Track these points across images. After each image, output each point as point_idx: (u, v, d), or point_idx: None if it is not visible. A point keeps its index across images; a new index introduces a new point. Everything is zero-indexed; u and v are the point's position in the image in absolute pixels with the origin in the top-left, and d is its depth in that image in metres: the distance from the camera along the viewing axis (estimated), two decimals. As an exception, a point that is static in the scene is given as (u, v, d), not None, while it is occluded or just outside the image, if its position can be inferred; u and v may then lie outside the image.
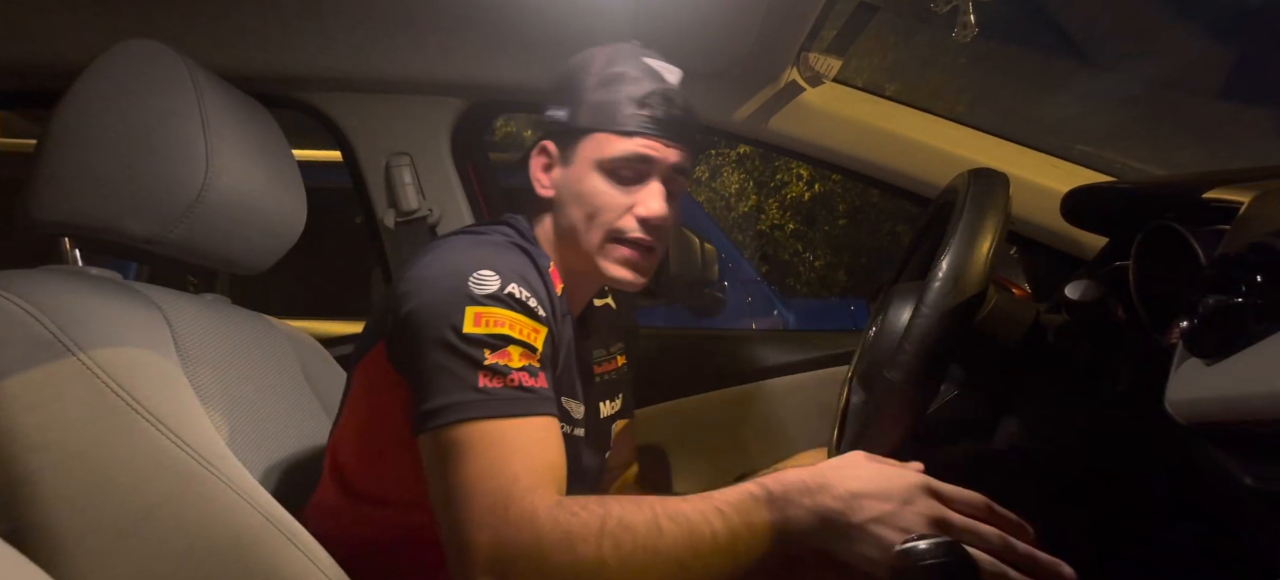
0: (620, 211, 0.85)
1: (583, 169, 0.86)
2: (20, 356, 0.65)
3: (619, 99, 0.84)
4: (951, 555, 0.64)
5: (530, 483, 0.66)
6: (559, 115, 0.88)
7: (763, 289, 3.62)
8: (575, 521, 0.64)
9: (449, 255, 0.77)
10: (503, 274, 0.75)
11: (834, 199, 8.80)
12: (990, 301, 0.83)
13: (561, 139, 0.88)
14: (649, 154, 0.85)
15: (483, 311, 0.72)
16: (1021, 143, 1.35)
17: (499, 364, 0.71)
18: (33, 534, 0.64)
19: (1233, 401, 0.53)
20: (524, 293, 0.75)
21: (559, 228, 0.90)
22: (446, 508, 0.68)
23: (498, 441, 0.68)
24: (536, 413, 0.72)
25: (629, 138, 0.84)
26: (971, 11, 1.10)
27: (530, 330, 0.75)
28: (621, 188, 0.85)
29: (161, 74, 0.84)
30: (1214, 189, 0.76)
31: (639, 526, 0.63)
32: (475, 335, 0.71)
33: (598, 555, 0.62)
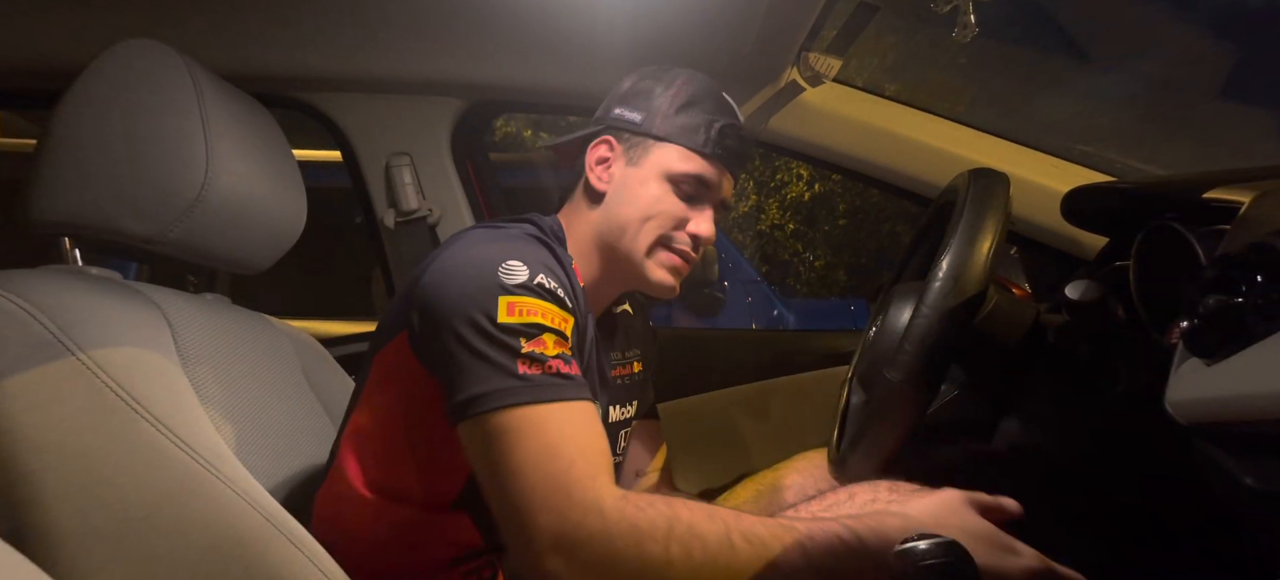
0: (676, 222, 0.89)
1: (650, 173, 0.89)
2: (20, 356, 0.65)
3: (700, 122, 0.89)
4: (951, 555, 0.64)
5: (587, 469, 0.67)
6: (632, 117, 0.90)
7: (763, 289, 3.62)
8: (643, 518, 0.64)
9: (475, 247, 0.78)
10: (531, 264, 0.76)
11: (834, 199, 8.80)
12: (990, 301, 0.83)
13: (629, 140, 0.91)
14: (712, 179, 0.90)
15: (515, 300, 0.72)
16: (1021, 143, 1.35)
17: (536, 351, 0.71)
18: (32, 534, 0.64)
19: (1233, 401, 0.53)
20: (552, 283, 0.76)
21: (604, 222, 0.91)
22: (502, 493, 0.68)
23: (545, 426, 0.68)
24: (577, 397, 0.72)
25: (702, 159, 0.89)
26: (971, 11, 1.10)
27: (561, 319, 0.75)
28: (680, 201, 0.89)
29: (161, 74, 0.84)
30: (1214, 189, 0.76)
31: (710, 538, 0.64)
32: (510, 324, 0.71)
33: (665, 556, 0.63)
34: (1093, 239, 1.19)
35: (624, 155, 0.91)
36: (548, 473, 0.66)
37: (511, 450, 0.68)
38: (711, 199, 0.92)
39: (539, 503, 0.65)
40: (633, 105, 0.91)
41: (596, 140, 0.92)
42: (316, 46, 1.29)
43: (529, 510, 0.66)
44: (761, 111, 1.38)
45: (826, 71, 1.32)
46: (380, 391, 0.84)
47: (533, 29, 1.26)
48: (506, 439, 0.68)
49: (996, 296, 0.84)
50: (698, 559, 0.63)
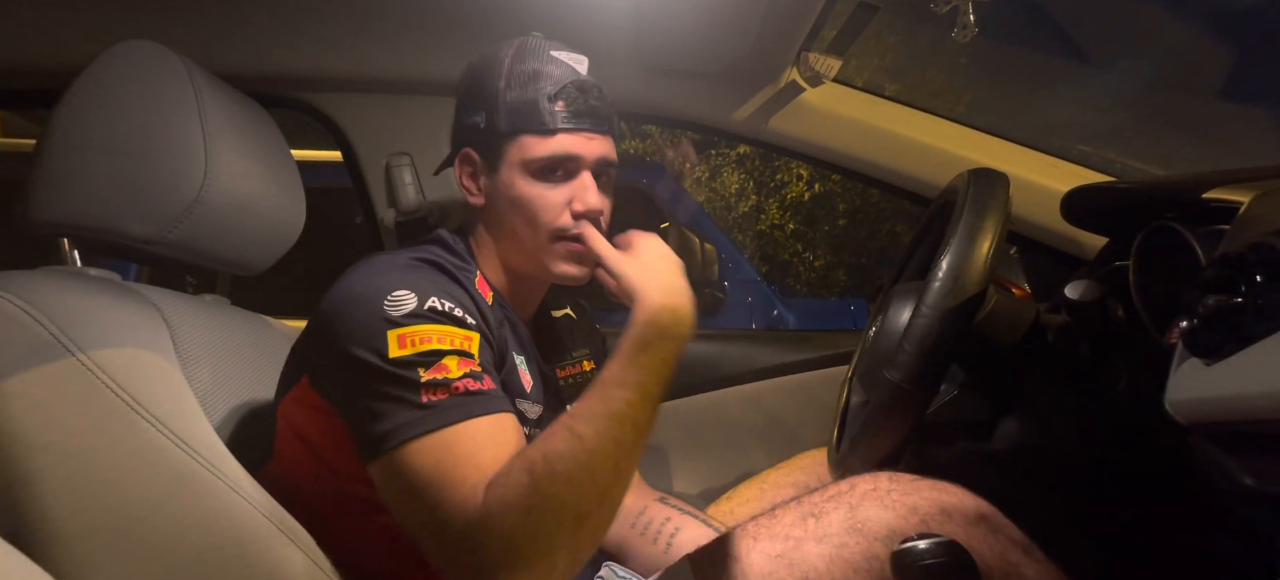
0: (558, 211, 0.84)
1: (511, 174, 0.84)
2: (20, 357, 0.65)
3: (535, 97, 0.83)
4: (951, 555, 0.65)
5: (479, 479, 0.66)
6: (475, 121, 0.86)
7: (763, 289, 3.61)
8: (510, 490, 0.65)
9: (360, 283, 0.75)
10: (418, 290, 0.73)
11: (834, 199, 8.80)
12: (990, 301, 0.83)
13: (483, 146, 0.86)
14: (574, 150, 0.84)
15: (404, 332, 0.70)
16: (1021, 143, 1.35)
17: (437, 378, 0.69)
18: (32, 534, 0.64)
19: (1233, 401, 0.53)
20: (446, 304, 0.74)
21: (497, 235, 0.89)
22: (417, 525, 0.68)
23: (452, 446, 0.68)
24: (489, 412, 0.71)
25: (552, 136, 0.83)
26: (971, 11, 1.10)
27: (461, 338, 0.73)
28: (554, 186, 0.84)
29: (160, 74, 0.84)
30: (1214, 189, 0.76)
31: (560, 450, 0.66)
32: (403, 357, 0.69)
33: (549, 500, 0.64)
34: (1093, 239, 1.19)
35: (482, 164, 0.87)
36: (461, 498, 0.66)
37: (417, 481, 0.67)
38: (585, 166, 0.85)
39: (455, 534, 0.66)
40: (472, 108, 0.87)
41: (458, 157, 0.89)
42: (316, 46, 1.29)
43: (444, 545, 0.67)
44: (761, 111, 1.38)
45: (826, 71, 1.32)
46: (296, 437, 0.83)
47: (533, 29, 1.26)
48: (412, 470, 0.67)
49: (996, 296, 0.84)
50: (565, 472, 0.65)
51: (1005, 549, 0.71)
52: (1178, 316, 0.59)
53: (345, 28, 1.27)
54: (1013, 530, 0.73)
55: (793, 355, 1.49)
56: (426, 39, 1.29)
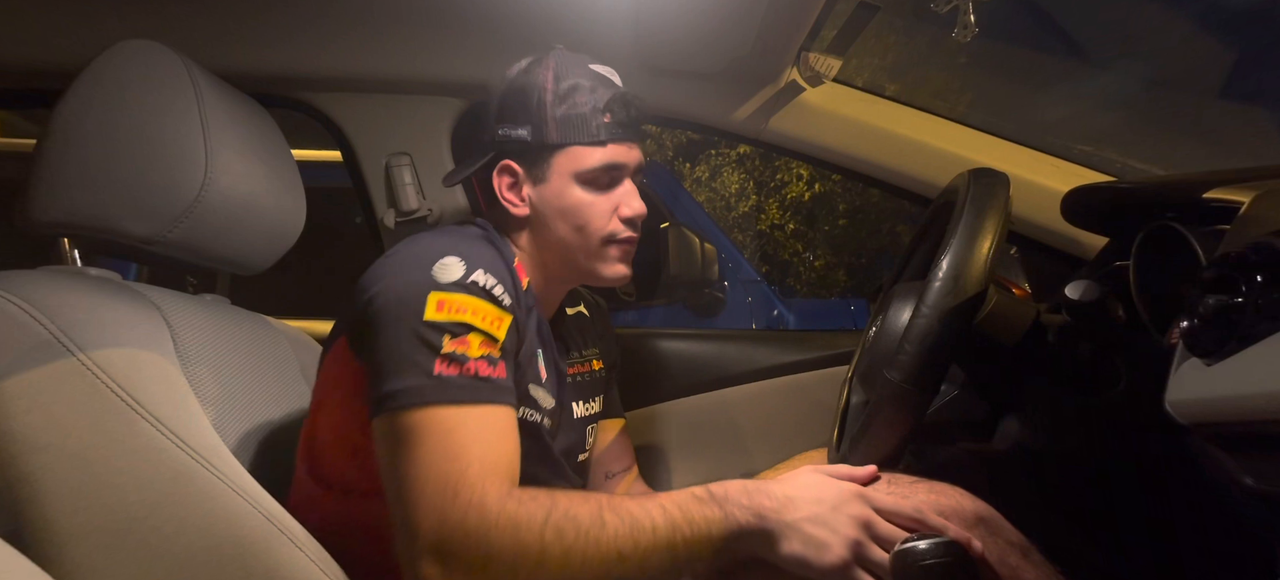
0: (608, 217, 0.89)
1: (562, 183, 0.88)
2: (20, 357, 0.65)
3: (585, 112, 0.87)
4: (951, 555, 0.64)
5: (481, 471, 0.67)
6: (520, 133, 0.88)
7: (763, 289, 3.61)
8: (522, 511, 0.65)
9: (413, 246, 0.78)
10: (468, 261, 0.75)
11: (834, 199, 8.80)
12: (990, 301, 0.83)
13: (526, 157, 0.89)
14: (621, 160, 0.89)
15: (446, 298, 0.72)
16: (1021, 143, 1.35)
17: (457, 352, 0.71)
18: (33, 534, 0.64)
19: (1233, 401, 0.53)
20: (489, 280, 0.76)
21: (540, 241, 0.91)
22: (396, 491, 0.69)
23: (452, 428, 0.68)
24: (492, 402, 0.72)
25: (602, 148, 0.87)
26: (971, 11, 1.10)
27: (494, 318, 0.75)
28: (601, 194, 0.89)
29: (161, 74, 0.84)
30: (1214, 189, 0.76)
31: (583, 518, 0.66)
32: (436, 322, 0.71)
33: (540, 543, 0.64)
34: (1093, 239, 1.19)
35: (527, 175, 0.89)
36: (439, 474, 0.66)
37: (411, 451, 0.68)
38: (629, 173, 0.91)
39: (425, 505, 0.66)
40: (514, 121, 0.88)
41: (496, 169, 0.90)
42: (316, 46, 1.29)
43: (415, 512, 0.66)
44: (761, 111, 1.38)
45: (826, 71, 1.32)
46: (331, 393, 0.84)
47: (533, 29, 1.26)
48: (408, 439, 0.68)
49: (996, 296, 0.84)
50: (569, 540, 0.65)
51: (1004, 551, 0.71)
52: (1178, 316, 0.59)
53: (345, 27, 1.27)
54: (1011, 532, 0.73)
55: (793, 355, 1.49)
56: (427, 39, 1.29)
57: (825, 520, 0.67)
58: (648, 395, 1.46)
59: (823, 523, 0.67)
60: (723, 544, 0.68)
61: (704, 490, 0.70)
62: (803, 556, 0.66)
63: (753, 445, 1.46)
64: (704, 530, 0.67)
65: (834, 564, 0.66)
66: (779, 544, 0.67)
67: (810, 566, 0.66)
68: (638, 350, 1.48)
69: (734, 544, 0.68)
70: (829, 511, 0.68)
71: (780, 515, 0.68)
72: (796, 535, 0.67)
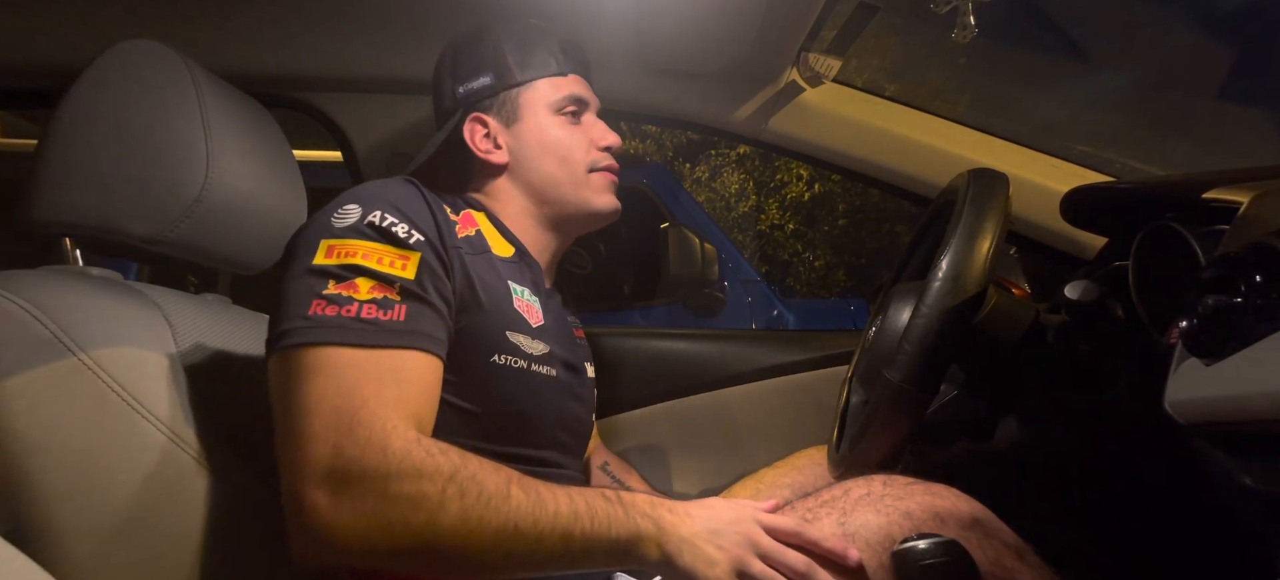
0: (587, 147, 0.93)
1: (536, 119, 0.91)
2: (21, 356, 0.65)
3: (545, 50, 0.91)
4: (950, 555, 0.65)
5: (380, 409, 0.65)
6: (482, 82, 0.91)
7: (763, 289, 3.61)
8: (429, 462, 0.63)
9: (332, 202, 0.77)
10: (365, 205, 0.74)
11: (834, 199, 8.81)
12: (990, 301, 0.83)
13: (494, 104, 0.91)
14: (584, 94, 0.94)
15: (335, 243, 0.71)
16: (1021, 143, 1.35)
17: (340, 295, 0.69)
18: (33, 533, 0.64)
19: (1233, 401, 0.53)
20: (388, 220, 0.74)
21: (525, 185, 0.92)
22: (283, 429, 0.66)
23: (339, 369, 0.66)
24: (386, 345, 0.69)
25: (566, 78, 0.92)
26: (971, 12, 1.10)
27: (393, 258, 0.72)
28: (575, 126, 0.92)
29: (162, 74, 0.84)
30: (1214, 189, 0.76)
31: (489, 485, 0.64)
32: (322, 266, 0.70)
33: (440, 496, 0.62)
34: (1092, 239, 1.19)
35: (500, 120, 0.92)
36: (334, 406, 0.64)
37: (298, 387, 0.65)
38: (591, 110, 0.95)
39: (317, 434, 0.63)
40: (472, 75, 0.92)
41: (467, 122, 0.92)
42: (316, 46, 1.29)
43: (305, 441, 0.63)
44: (761, 111, 1.38)
45: (826, 71, 1.33)
46: None
47: (533, 29, 1.26)
48: (295, 377, 0.66)
49: (996, 296, 0.84)
50: (470, 500, 0.63)
51: (1000, 553, 0.71)
52: (1178, 316, 0.59)
53: (346, 28, 1.27)
54: (1007, 534, 0.73)
55: (793, 355, 1.49)
56: (427, 39, 1.29)
57: (716, 536, 0.69)
58: (648, 395, 1.46)
59: (713, 539, 0.69)
60: (618, 545, 0.68)
61: (614, 493, 0.70)
62: (692, 567, 0.68)
63: (753, 445, 1.46)
64: (604, 527, 0.67)
65: (717, 578, 0.67)
66: (673, 556, 0.68)
67: (698, 578, 0.68)
68: (638, 350, 1.48)
69: (630, 548, 0.68)
70: (722, 526, 0.70)
71: (677, 529, 0.69)
72: (687, 548, 0.68)
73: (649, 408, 1.46)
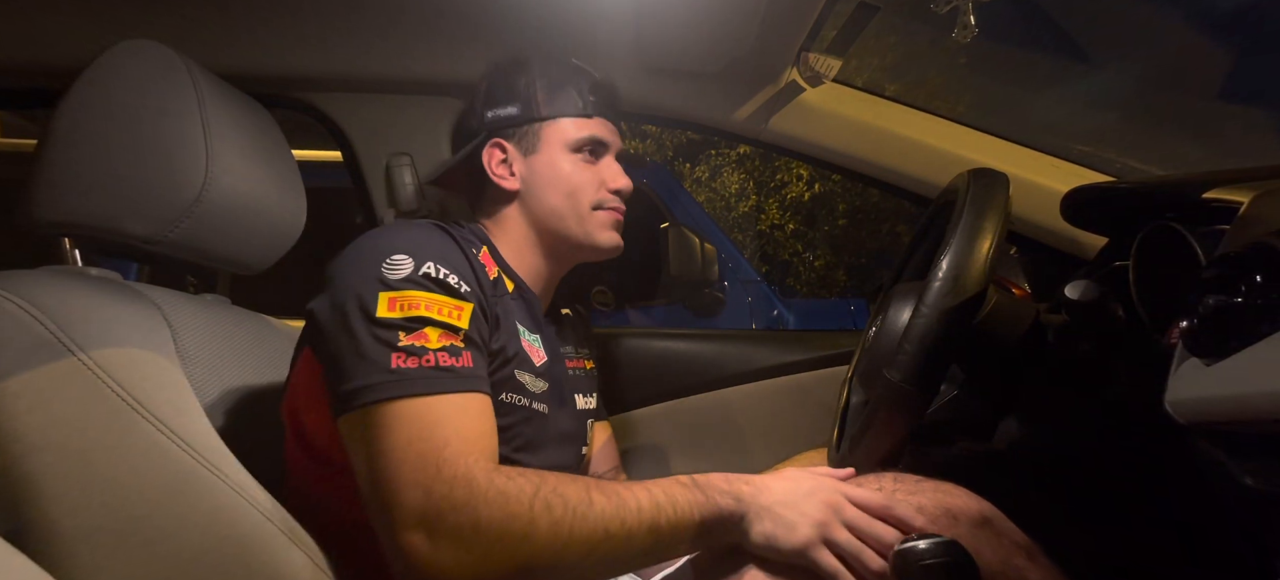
0: (597, 185, 0.95)
1: (553, 153, 0.93)
2: (21, 357, 0.65)
3: (572, 91, 0.95)
4: (951, 555, 0.64)
5: (461, 447, 0.67)
6: (509, 112, 0.94)
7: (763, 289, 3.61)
8: (511, 485, 0.66)
9: (366, 243, 0.78)
10: (417, 255, 0.75)
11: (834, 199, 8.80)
12: (990, 301, 0.83)
13: (516, 133, 0.94)
14: (605, 137, 0.96)
15: (397, 295, 0.72)
16: (1021, 143, 1.35)
17: (414, 345, 0.71)
18: (33, 534, 0.64)
19: (1233, 401, 0.53)
20: (442, 271, 0.76)
21: (531, 214, 0.94)
22: (373, 481, 0.68)
23: (419, 416, 0.68)
24: (458, 390, 0.71)
25: (589, 120, 0.95)
26: (971, 12, 1.10)
27: (451, 309, 0.75)
28: (589, 165, 0.95)
29: (161, 74, 0.84)
30: (1214, 189, 0.76)
31: (571, 495, 0.67)
32: (388, 318, 0.71)
33: (529, 515, 0.65)
34: (1092, 239, 1.19)
35: (519, 149, 0.94)
36: (419, 452, 0.66)
37: (383, 439, 0.67)
38: (611, 153, 0.97)
39: (408, 480, 0.65)
40: (501, 104, 0.95)
41: (487, 146, 0.95)
42: (316, 46, 1.29)
43: (397, 489, 0.66)
44: (761, 111, 1.38)
45: (826, 71, 1.33)
46: (301, 392, 0.84)
47: (534, 29, 1.26)
48: (377, 432, 0.68)
49: (996, 296, 0.84)
50: (557, 514, 0.65)
51: (1009, 553, 0.71)
52: (1178, 316, 0.59)
53: (346, 28, 1.27)
54: (1017, 533, 0.73)
55: (793, 355, 1.49)
56: (427, 39, 1.29)
57: (796, 504, 0.71)
58: (647, 395, 1.46)
59: (794, 506, 0.71)
60: (703, 527, 0.70)
61: (688, 478, 0.72)
62: (773, 534, 0.69)
63: (753, 445, 1.46)
64: (687, 513, 0.69)
65: (800, 543, 0.69)
66: (753, 525, 0.70)
67: (779, 546, 0.69)
68: (638, 350, 1.48)
69: (714, 527, 0.71)
70: (802, 497, 0.71)
71: (756, 499, 0.71)
72: (768, 516, 0.70)
73: (649, 408, 1.46)
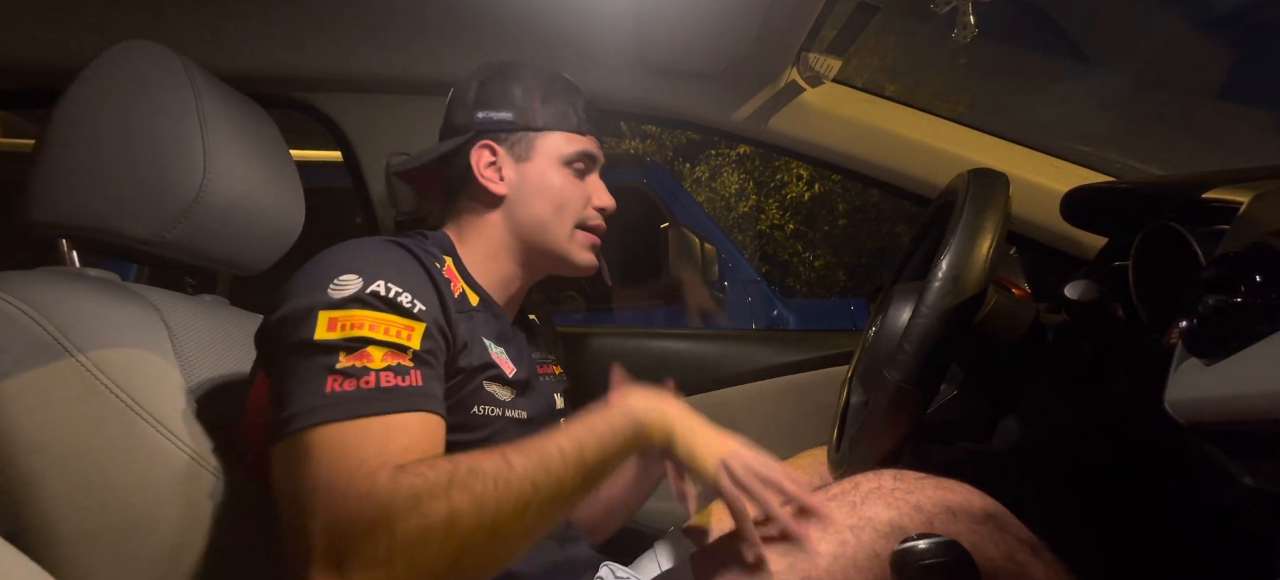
0: (583, 203, 0.94)
1: (545, 164, 0.92)
2: (19, 358, 0.65)
3: (567, 105, 0.95)
4: (951, 555, 0.65)
5: (374, 464, 0.62)
6: (503, 116, 0.93)
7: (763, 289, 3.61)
8: (421, 481, 0.61)
9: (316, 262, 0.74)
10: (366, 274, 0.71)
11: (834, 199, 8.81)
12: (990, 301, 0.83)
13: (509, 139, 0.93)
14: (596, 153, 0.96)
15: (337, 316, 0.68)
16: (1021, 143, 1.35)
17: (355, 367, 0.66)
18: (33, 534, 0.64)
19: (1233, 401, 0.53)
20: (392, 289, 0.72)
21: (513, 221, 0.92)
22: (288, 514, 0.64)
23: (343, 439, 0.63)
24: (399, 410, 0.67)
25: (583, 137, 0.94)
26: (971, 12, 1.10)
27: (400, 328, 0.71)
28: (578, 181, 0.94)
29: (160, 75, 0.84)
30: (1214, 189, 0.76)
31: (488, 468, 0.64)
32: (327, 341, 0.67)
33: (448, 507, 0.61)
34: (1092, 239, 1.19)
35: (509, 154, 0.92)
36: (329, 480, 0.61)
37: (300, 470, 0.63)
38: (597, 169, 0.98)
39: (313, 513, 0.61)
40: (496, 107, 0.93)
41: (476, 147, 0.92)
42: (316, 46, 1.29)
43: (301, 522, 0.61)
44: (761, 111, 1.38)
45: (826, 71, 1.32)
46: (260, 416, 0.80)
47: (534, 29, 1.26)
48: (299, 460, 0.63)
49: (996, 296, 0.84)
50: (478, 491, 0.62)
51: (1013, 549, 0.71)
52: (1178, 316, 0.59)
53: (345, 28, 1.27)
54: (1020, 529, 0.73)
55: (793, 355, 1.49)
56: (427, 39, 1.29)
57: (707, 436, 0.78)
58: (647, 395, 1.46)
59: (704, 431, 0.78)
60: (628, 445, 0.73)
61: (597, 408, 0.74)
62: (689, 446, 0.76)
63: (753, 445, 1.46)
64: (609, 436, 0.71)
65: (714, 463, 0.76)
66: (675, 435, 0.76)
67: (688, 469, 0.77)
68: (638, 350, 1.48)
69: (637, 440, 0.74)
70: (710, 430, 0.79)
71: (667, 411, 0.77)
72: (687, 431, 0.77)
73: (649, 408, 1.46)
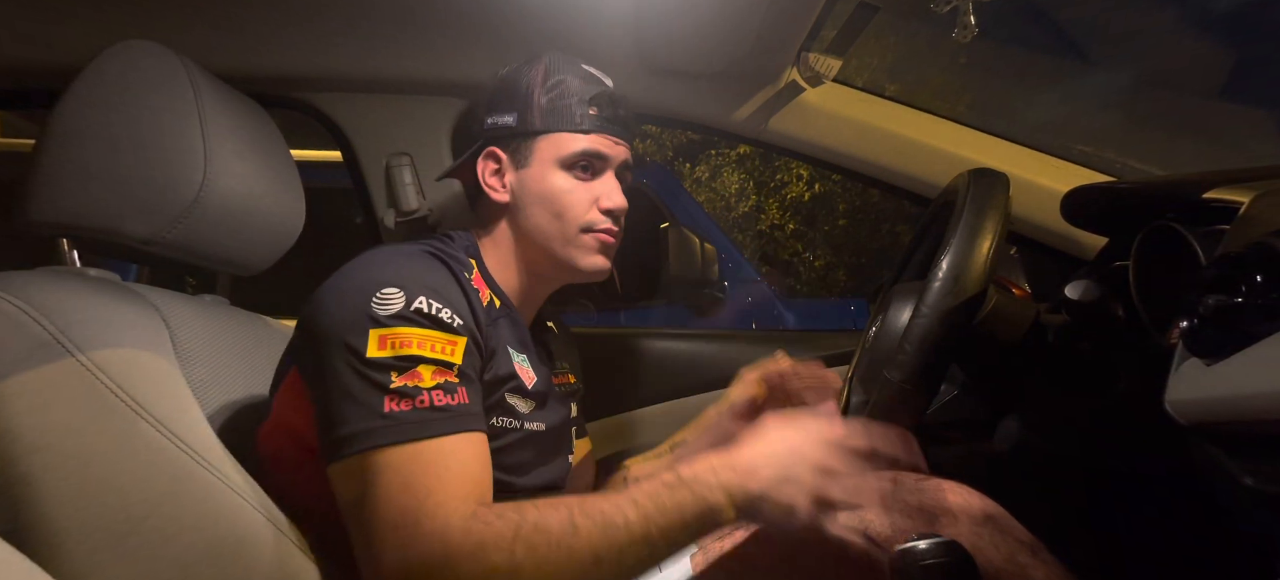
0: (587, 206, 0.90)
1: (544, 168, 0.89)
2: (19, 358, 0.65)
3: (571, 102, 0.89)
4: (951, 555, 0.65)
5: (443, 497, 0.65)
6: (506, 120, 0.90)
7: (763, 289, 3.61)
8: (489, 531, 0.63)
9: (356, 272, 0.75)
10: (408, 289, 0.72)
11: (834, 199, 8.80)
12: (990, 301, 0.83)
13: (511, 144, 0.90)
14: (604, 150, 0.90)
15: (386, 333, 0.70)
16: (1021, 143, 1.35)
17: (408, 386, 0.68)
18: (32, 534, 0.64)
19: (1233, 401, 0.53)
20: (434, 305, 0.73)
21: (517, 230, 0.91)
22: (357, 533, 0.67)
23: (408, 464, 0.66)
24: (453, 431, 0.69)
25: (585, 135, 0.89)
26: (971, 12, 1.10)
27: (444, 345, 0.72)
28: (582, 183, 0.89)
29: (160, 74, 0.84)
30: (1214, 189, 0.76)
31: (553, 527, 0.64)
32: (380, 359, 0.69)
33: (511, 561, 0.62)
34: (1093, 239, 1.19)
35: (511, 161, 0.91)
36: (400, 507, 0.65)
37: (368, 493, 0.66)
38: (610, 168, 0.92)
39: (384, 540, 0.64)
40: (503, 109, 0.91)
41: (483, 155, 0.92)
42: (316, 46, 1.29)
43: (378, 548, 0.64)
44: (761, 111, 1.38)
45: (826, 71, 1.32)
46: (288, 421, 0.82)
47: (534, 29, 1.26)
48: (365, 481, 0.66)
49: (996, 296, 0.84)
50: (542, 551, 0.63)
51: (1013, 550, 0.71)
52: (1178, 316, 0.59)
53: (345, 28, 1.27)
54: (1021, 530, 0.73)
55: (793, 355, 1.49)
56: (427, 39, 1.29)
57: (786, 482, 0.67)
58: (648, 395, 1.46)
59: (785, 485, 0.67)
60: (696, 526, 0.67)
61: (673, 475, 0.69)
62: (775, 522, 0.67)
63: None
64: (676, 517, 0.66)
65: (803, 522, 0.66)
66: (752, 516, 0.68)
67: (784, 528, 0.67)
68: (637, 350, 1.48)
69: (706, 522, 0.68)
70: (788, 467, 0.68)
71: (745, 488, 0.67)
72: (763, 505, 0.67)
73: (649, 408, 1.46)
